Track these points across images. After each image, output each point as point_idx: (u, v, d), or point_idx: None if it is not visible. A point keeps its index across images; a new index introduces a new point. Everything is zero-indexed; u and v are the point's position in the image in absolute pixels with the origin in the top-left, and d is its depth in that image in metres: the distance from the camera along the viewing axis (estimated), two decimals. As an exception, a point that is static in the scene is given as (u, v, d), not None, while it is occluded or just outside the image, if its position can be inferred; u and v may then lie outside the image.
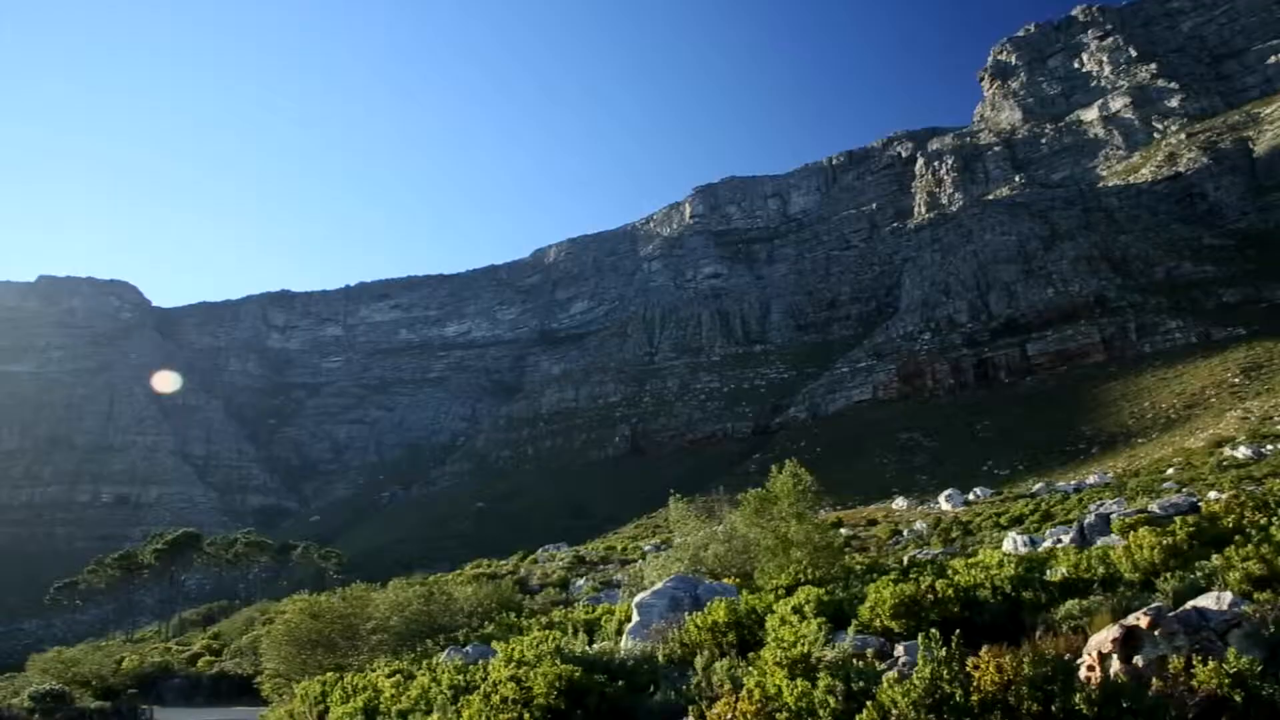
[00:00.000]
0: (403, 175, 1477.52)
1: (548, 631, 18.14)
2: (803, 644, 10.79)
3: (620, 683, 11.01)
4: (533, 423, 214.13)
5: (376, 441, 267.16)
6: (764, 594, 15.91)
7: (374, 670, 19.32)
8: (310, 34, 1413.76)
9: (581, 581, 47.41)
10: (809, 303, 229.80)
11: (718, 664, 11.37)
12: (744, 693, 8.63)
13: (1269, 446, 69.37)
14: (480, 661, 15.00)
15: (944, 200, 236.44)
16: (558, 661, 11.47)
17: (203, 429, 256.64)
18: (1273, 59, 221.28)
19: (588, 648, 15.18)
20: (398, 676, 16.12)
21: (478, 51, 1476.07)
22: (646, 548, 60.99)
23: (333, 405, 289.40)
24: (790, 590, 16.08)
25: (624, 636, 15.65)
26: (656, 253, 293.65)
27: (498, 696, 10.37)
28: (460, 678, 13.04)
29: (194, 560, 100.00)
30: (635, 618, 16.09)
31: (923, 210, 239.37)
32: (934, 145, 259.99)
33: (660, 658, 13.19)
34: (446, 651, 20.15)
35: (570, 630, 18.50)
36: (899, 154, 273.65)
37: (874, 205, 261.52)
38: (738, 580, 21.94)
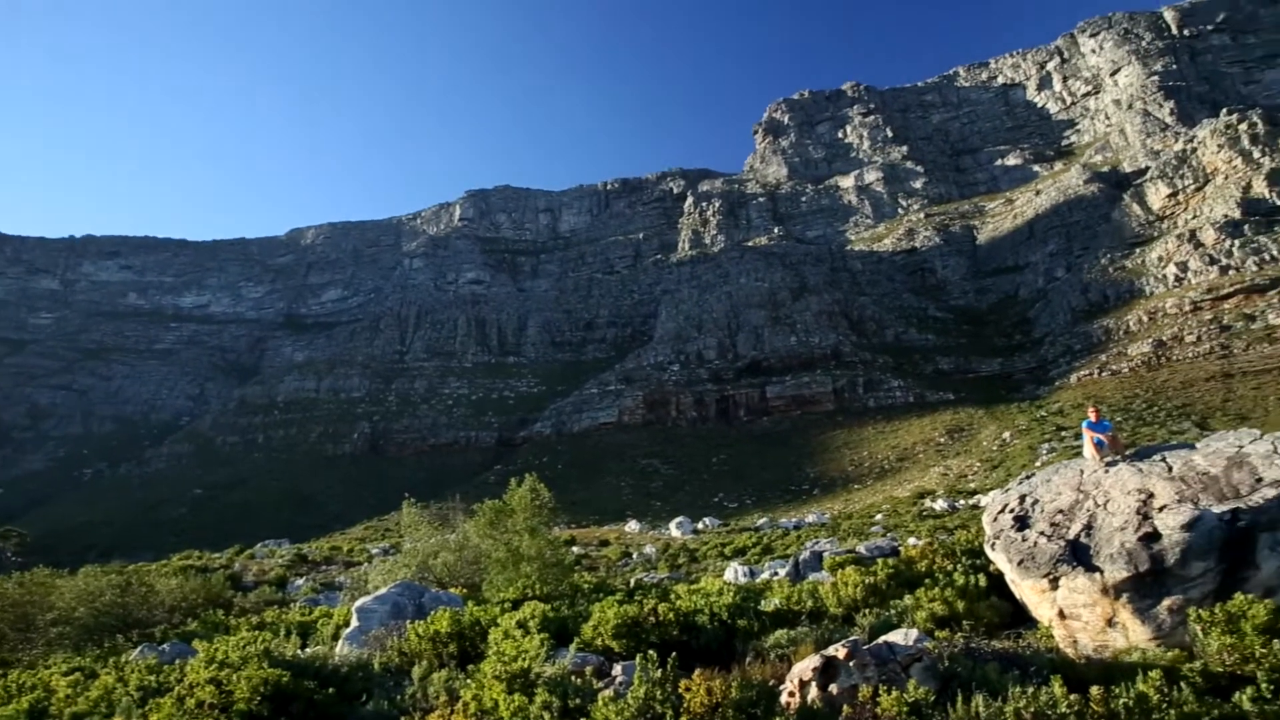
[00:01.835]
0: (150, 129, 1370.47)
1: (258, 632, 17.25)
2: (524, 659, 10.78)
3: (331, 689, 10.48)
4: (267, 410, 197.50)
5: (85, 412, 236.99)
6: (490, 606, 15.97)
7: (49, 667, 17.81)
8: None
9: (301, 581, 45.34)
10: (567, 321, 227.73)
11: (436, 675, 11.19)
12: (460, 705, 8.99)
13: (961, 501, 72.60)
14: (178, 662, 13.61)
15: (707, 240, 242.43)
16: (265, 665, 10.73)
17: None
18: (999, 161, 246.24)
19: (300, 651, 14.22)
20: (77, 675, 14.71)
21: (254, 15, 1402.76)
22: (374, 551, 59.35)
23: (37, 367, 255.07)
24: (517, 604, 16.24)
25: (341, 642, 15.04)
26: (420, 250, 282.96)
27: (193, 700, 9.59)
28: (152, 678, 12.00)
29: None
30: (355, 622, 15.69)
31: (686, 247, 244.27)
32: (704, 186, 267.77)
33: (376, 666, 12.74)
34: (140, 649, 18.55)
35: (283, 632, 17.50)
36: (671, 189, 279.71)
37: (641, 235, 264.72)
38: (465, 591, 21.92)
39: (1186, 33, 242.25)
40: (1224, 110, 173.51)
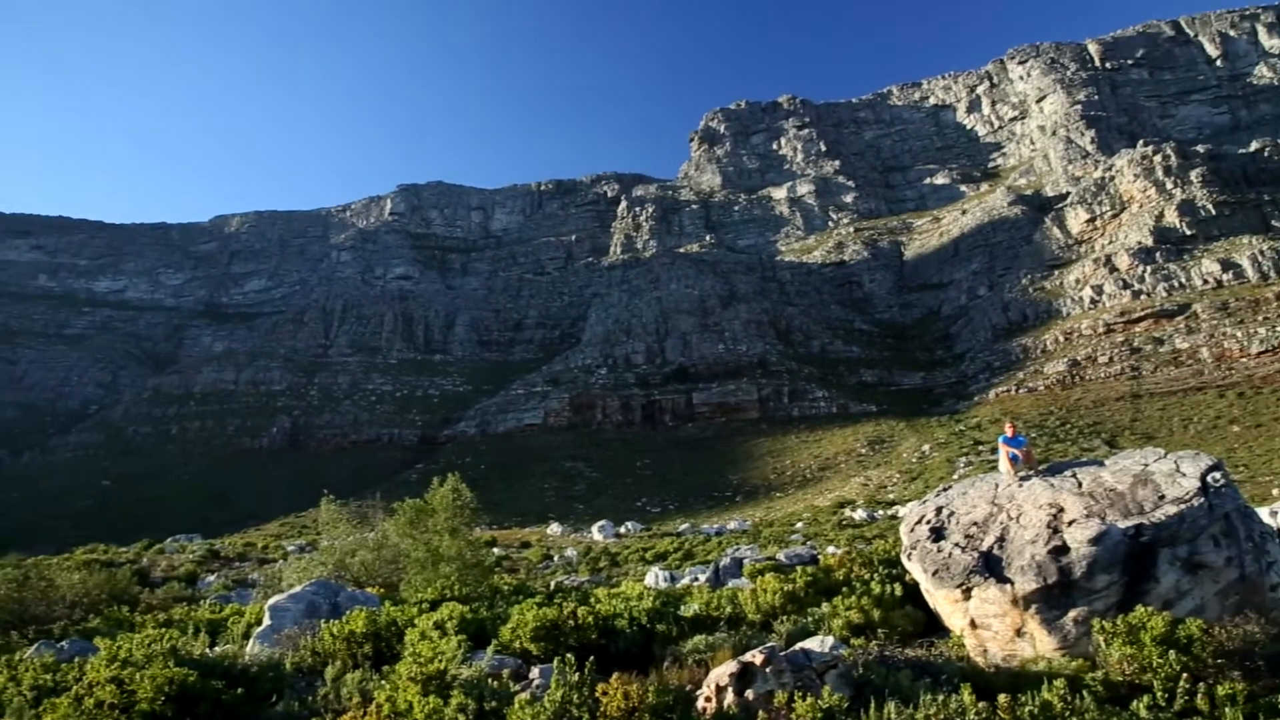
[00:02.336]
0: (65, 104, 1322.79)
1: (164, 630, 16.53)
2: (440, 660, 10.53)
3: (240, 690, 10.15)
4: (183, 401, 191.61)
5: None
6: (408, 607, 15.72)
7: (-68, 666, 16.95)
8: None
9: (213, 578, 44.04)
10: (495, 321, 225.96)
11: (349, 675, 10.98)
12: (373, 707, 8.71)
13: (880, 511, 73.67)
14: (77, 660, 12.69)
15: (639, 245, 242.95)
16: (171, 663, 10.37)
17: None
18: (928, 180, 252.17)
19: (209, 650, 14.09)
20: (-37, 673, 13.95)
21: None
22: (290, 548, 57.93)
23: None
24: (435, 605, 15.98)
25: (252, 641, 14.72)
26: (349, 243, 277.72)
27: (92, 700, 9.23)
28: (48, 677, 11.43)
29: None
30: (267, 621, 15.33)
31: (618, 251, 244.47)
32: (639, 191, 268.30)
33: (288, 665, 12.37)
34: (36, 646, 17.83)
35: (191, 630, 16.93)
36: (605, 193, 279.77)
37: (573, 237, 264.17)
38: (383, 591, 21.52)
39: (1109, 65, 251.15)
40: (1141, 142, 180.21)
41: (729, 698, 8.72)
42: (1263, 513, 16.35)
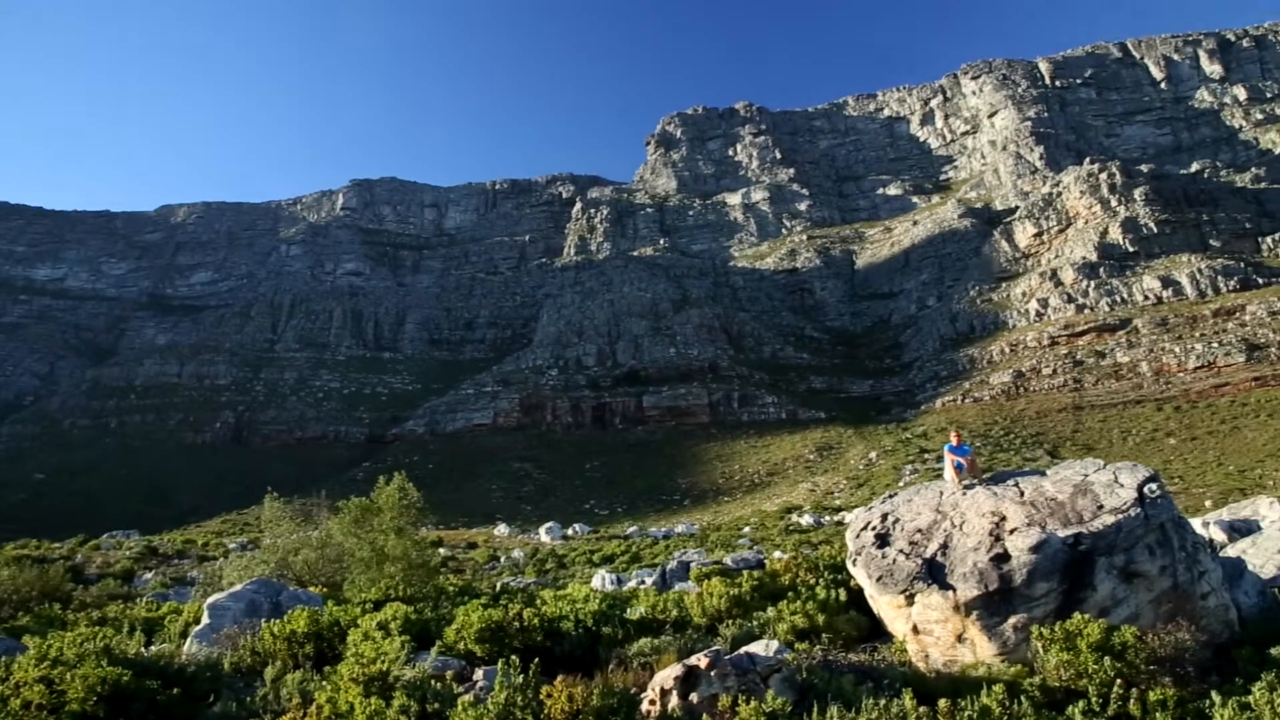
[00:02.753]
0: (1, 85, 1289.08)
1: (98, 628, 15.96)
2: (383, 661, 10.48)
3: (177, 690, 9.92)
4: (123, 393, 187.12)
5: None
6: (351, 607, 15.51)
7: None
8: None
9: (150, 576, 43.16)
10: (447, 319, 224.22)
11: (289, 676, 10.86)
12: (313, 708, 8.57)
13: (827, 517, 74.30)
14: (5, 659, 12.12)
15: (593, 247, 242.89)
16: (104, 663, 10.01)
17: None
18: (880, 190, 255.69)
19: (144, 650, 13.72)
20: (-119, 674, 13.59)
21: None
22: (231, 546, 56.98)
23: None
24: (379, 605, 15.85)
25: (190, 640, 14.38)
26: (299, 237, 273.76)
27: (19, 701, 8.97)
28: None
29: None
30: (206, 620, 15.12)
31: (572, 252, 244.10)
32: (594, 193, 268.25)
33: (227, 666, 12.20)
34: None
35: (126, 628, 16.29)
36: (560, 194, 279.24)
37: (527, 237, 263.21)
38: (326, 590, 21.19)
39: (1058, 84, 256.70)
40: (1087, 159, 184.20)
41: (673, 701, 8.73)
42: (1195, 523, 16.78)
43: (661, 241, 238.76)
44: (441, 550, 52.17)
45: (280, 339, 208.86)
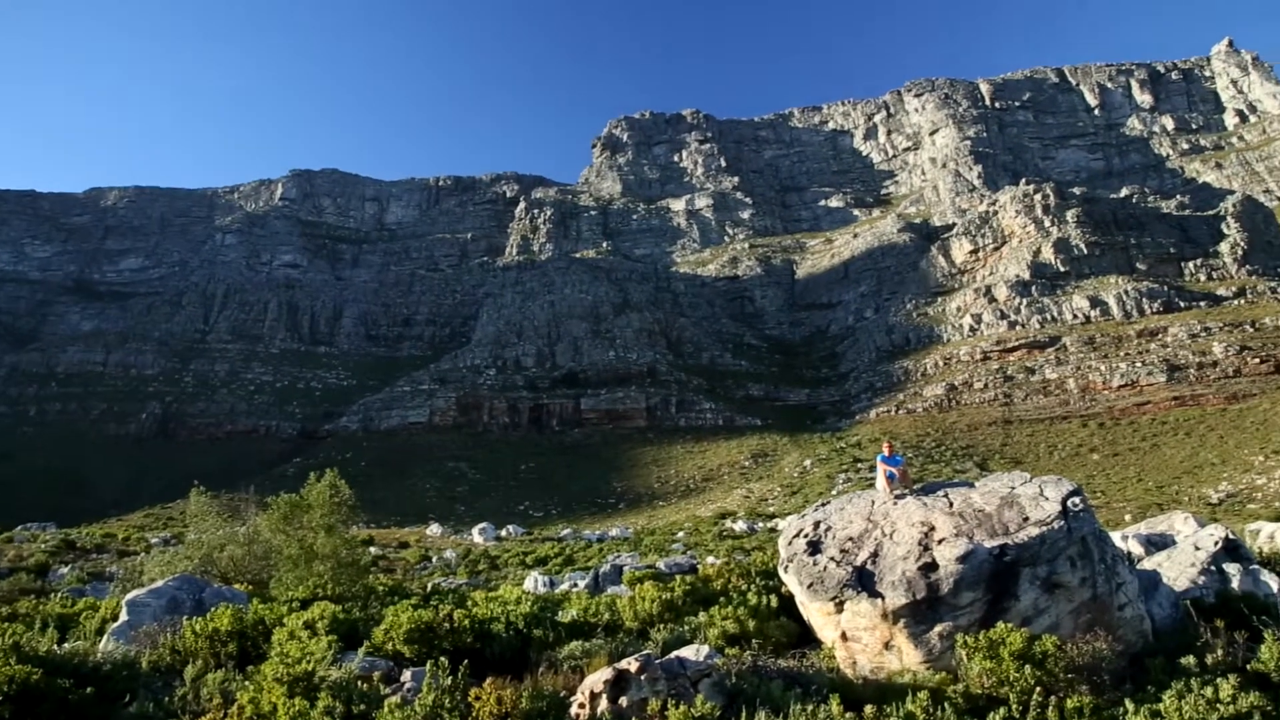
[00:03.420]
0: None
1: (7, 625, 15.30)
2: (309, 661, 10.25)
3: (90, 689, 9.55)
4: (44, 380, 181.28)
5: None
6: (277, 605, 15.20)
7: None
8: None
9: (66, 570, 42.30)
10: (385, 315, 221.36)
11: (210, 675, 10.62)
12: (235, 709, 8.33)
13: (760, 523, 74.82)
14: None
15: (535, 247, 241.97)
16: (12, 660, 9.67)
17: None
18: (823, 202, 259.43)
19: (56, 647, 13.22)
20: None
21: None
22: (154, 541, 55.92)
23: None
24: (306, 604, 15.49)
25: (106, 638, 14.03)
26: (235, 226, 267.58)
27: None
28: None
29: None
30: (124, 617, 14.76)
31: (514, 252, 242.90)
32: (538, 193, 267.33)
33: (145, 664, 11.81)
34: None
35: (38, 625, 15.94)
36: (504, 193, 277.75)
37: (469, 235, 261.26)
38: (252, 588, 20.94)
39: (998, 105, 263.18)
40: (1023, 180, 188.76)
41: (603, 704, 8.70)
42: (1115, 536, 17.28)
43: (604, 244, 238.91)
44: (372, 549, 51.62)
45: (212, 329, 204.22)
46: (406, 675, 10.78)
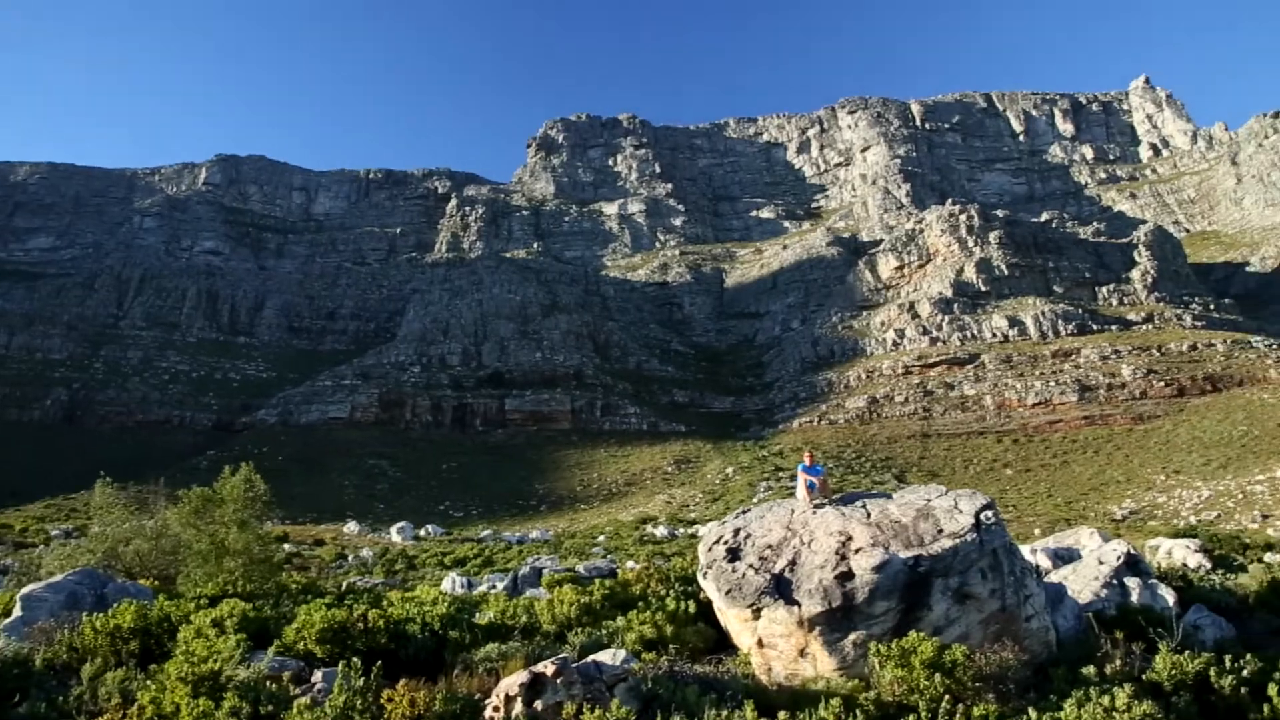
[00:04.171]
0: None
1: None
2: (216, 660, 9.92)
3: None
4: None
5: None
6: (184, 602, 14.87)
7: None
8: None
9: None
10: (309, 307, 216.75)
11: (110, 674, 10.17)
12: (134, 709, 8.09)
13: (681, 529, 75.12)
14: None
15: (465, 245, 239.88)
16: None
17: None
18: (754, 213, 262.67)
19: None
20: None
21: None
22: (54, 533, 54.43)
23: None
24: (215, 601, 15.18)
25: None
26: (154, 209, 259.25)
27: None
28: None
29: None
30: (18, 612, 14.34)
31: (443, 249, 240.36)
32: (470, 191, 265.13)
33: (39, 662, 11.43)
34: None
35: None
36: (436, 188, 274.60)
37: (398, 229, 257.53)
38: (158, 584, 19.99)
39: (928, 126, 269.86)
40: (949, 201, 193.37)
41: (518, 708, 8.71)
42: (1025, 550, 17.74)
43: (535, 245, 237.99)
44: (286, 546, 50.70)
45: (126, 315, 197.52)
46: (318, 676, 10.63)
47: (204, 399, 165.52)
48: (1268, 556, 38.41)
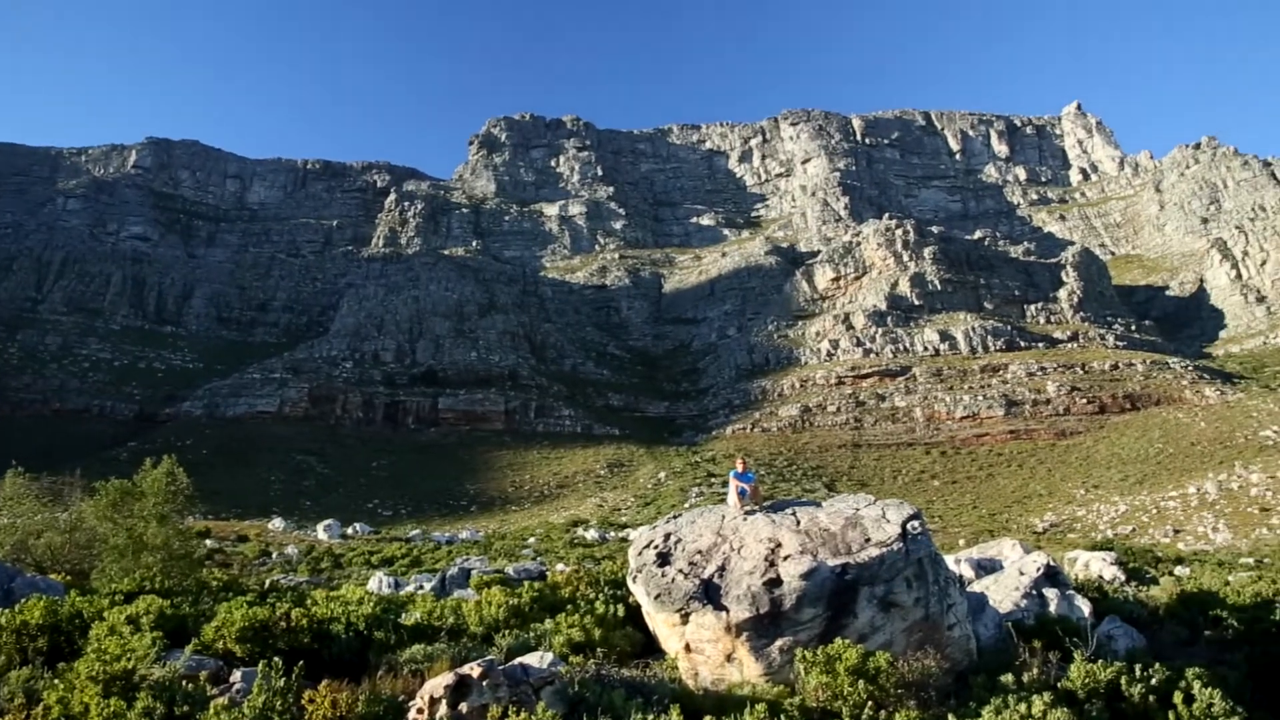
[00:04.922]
0: None
1: None
2: (130, 659, 9.54)
3: None
4: None
5: None
6: (98, 598, 14.43)
7: None
8: None
9: None
10: (239, 298, 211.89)
11: (14, 673, 9.93)
12: (39, 709, 7.88)
13: (612, 533, 75.14)
14: None
15: (403, 241, 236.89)
16: None
17: None
18: (694, 219, 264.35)
19: None
20: None
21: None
22: None
23: None
24: (131, 598, 14.66)
25: None
26: (79, 191, 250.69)
27: None
28: None
29: None
30: None
31: (380, 243, 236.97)
32: (410, 186, 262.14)
33: (-67, 662, 11.14)
34: None
35: None
36: (374, 182, 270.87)
37: (335, 222, 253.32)
38: (70, 579, 19.56)
39: (868, 141, 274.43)
40: (886, 215, 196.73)
41: (443, 710, 8.62)
42: (949, 560, 18.11)
43: (474, 243, 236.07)
44: (208, 542, 49.63)
45: (45, 299, 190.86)
46: (237, 675, 10.45)
47: (126, 389, 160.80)
48: (1178, 570, 39.83)
